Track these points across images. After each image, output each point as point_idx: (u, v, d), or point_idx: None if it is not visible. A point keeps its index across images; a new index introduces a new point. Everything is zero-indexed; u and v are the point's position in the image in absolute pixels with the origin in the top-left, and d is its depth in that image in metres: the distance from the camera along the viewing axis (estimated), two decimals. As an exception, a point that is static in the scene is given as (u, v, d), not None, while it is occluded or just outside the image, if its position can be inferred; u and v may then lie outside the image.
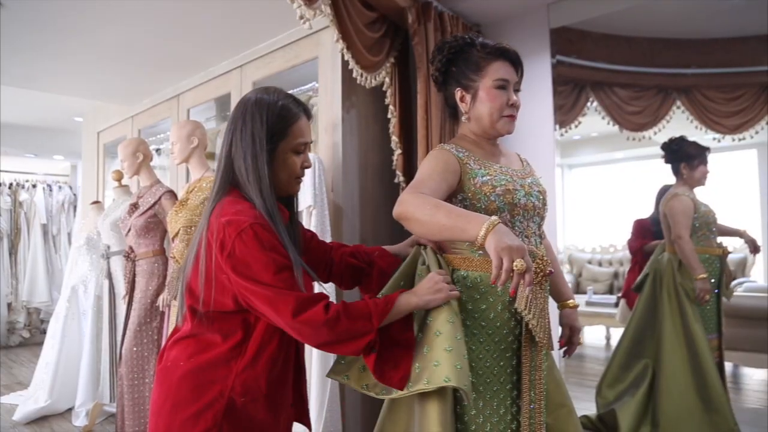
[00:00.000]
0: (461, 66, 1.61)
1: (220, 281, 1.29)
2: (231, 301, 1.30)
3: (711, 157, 3.17)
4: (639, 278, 3.23)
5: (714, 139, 3.69)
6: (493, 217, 1.25)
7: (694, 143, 3.15)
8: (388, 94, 2.79)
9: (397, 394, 1.36)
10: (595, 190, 4.78)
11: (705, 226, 3.04)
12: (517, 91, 1.61)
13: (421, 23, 2.68)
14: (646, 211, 3.69)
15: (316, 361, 2.45)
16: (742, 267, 4.13)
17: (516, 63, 1.61)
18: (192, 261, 1.35)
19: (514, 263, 1.18)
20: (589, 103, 3.77)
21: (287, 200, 1.50)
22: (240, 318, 1.32)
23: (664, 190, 3.54)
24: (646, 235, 3.60)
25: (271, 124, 1.34)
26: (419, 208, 1.35)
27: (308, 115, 1.43)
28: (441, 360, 1.31)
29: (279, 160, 1.37)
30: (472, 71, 1.59)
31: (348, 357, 1.47)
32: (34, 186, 7.01)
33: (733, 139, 3.67)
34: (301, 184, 2.53)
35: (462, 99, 1.61)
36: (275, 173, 1.37)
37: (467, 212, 1.35)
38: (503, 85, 1.56)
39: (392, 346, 1.35)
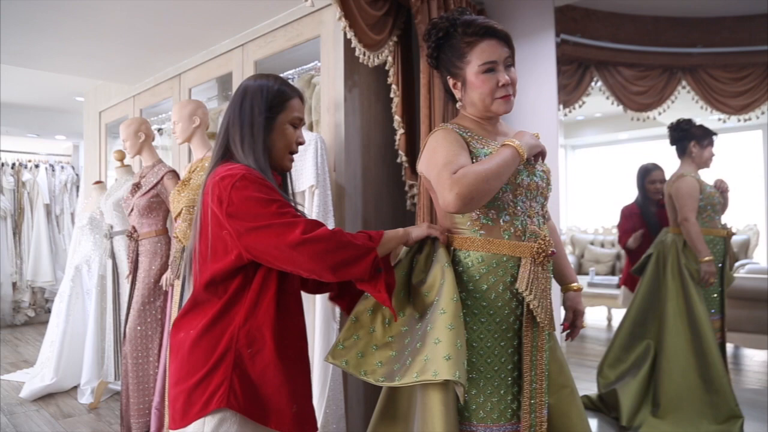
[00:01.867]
0: (447, 53, 1.57)
1: (222, 240, 1.37)
2: (234, 257, 1.36)
3: (716, 139, 3.15)
4: (641, 259, 3.23)
5: (719, 119, 3.67)
6: (509, 141, 1.45)
7: (702, 126, 3.13)
8: (391, 73, 2.77)
9: (398, 382, 1.37)
10: (598, 171, 4.75)
11: (710, 207, 3.03)
12: (510, 66, 1.54)
13: (424, 1, 2.64)
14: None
15: (318, 340, 2.47)
16: (745, 248, 4.13)
17: (503, 38, 1.53)
18: (195, 227, 1.46)
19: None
20: (593, 83, 3.73)
21: (282, 178, 1.60)
22: (240, 275, 1.39)
23: (643, 170, 3.57)
24: (637, 221, 3.60)
25: (270, 97, 1.47)
26: (474, 185, 1.34)
27: (301, 98, 1.56)
28: (430, 354, 1.33)
29: (278, 130, 1.49)
30: (457, 58, 1.55)
31: (347, 342, 1.49)
32: (36, 166, 7.00)
33: (739, 120, 3.64)
34: (304, 164, 2.53)
35: (454, 86, 1.59)
36: (273, 143, 1.49)
37: (495, 154, 1.44)
38: (491, 67, 1.51)
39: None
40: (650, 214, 3.51)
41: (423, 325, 1.42)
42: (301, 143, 1.55)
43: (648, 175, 3.54)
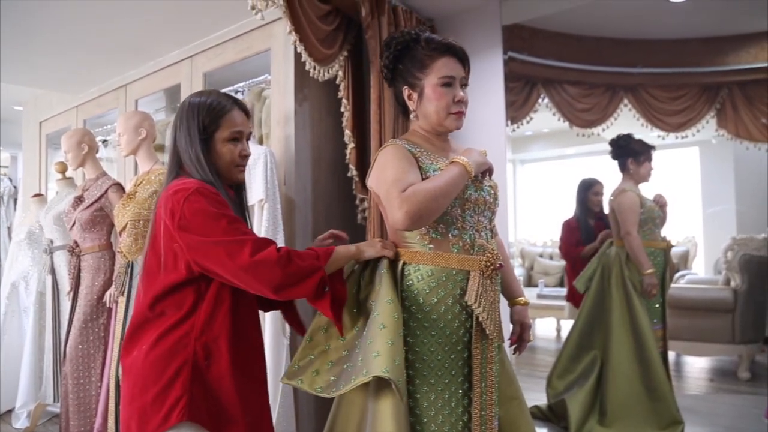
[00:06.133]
0: (407, 64, 1.60)
1: (172, 252, 1.37)
2: (184, 269, 1.37)
3: (656, 155, 3.26)
4: (584, 271, 3.30)
5: (659, 136, 3.83)
6: (457, 158, 1.48)
7: (641, 141, 3.24)
8: (342, 87, 2.78)
9: (342, 389, 1.38)
10: (546, 185, 4.89)
11: (650, 220, 3.14)
12: (464, 86, 1.60)
13: (375, 17, 2.66)
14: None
15: (268, 357, 2.42)
16: (685, 260, 4.30)
17: (462, 58, 1.60)
18: (146, 242, 1.47)
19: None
20: (540, 100, 3.84)
21: (236, 189, 1.60)
22: (192, 288, 1.39)
23: (586, 184, 3.74)
24: (578, 237, 3.74)
25: (202, 118, 1.47)
26: (423, 203, 1.37)
27: (241, 108, 1.55)
28: (381, 352, 1.33)
29: (215, 149, 1.49)
30: (418, 69, 1.58)
31: (302, 362, 1.49)
32: (-30, 178, 6.68)
33: (677, 137, 3.81)
34: (254, 177, 2.50)
35: (409, 97, 1.61)
36: (214, 161, 1.49)
37: (443, 172, 1.47)
38: (449, 82, 1.55)
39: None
40: (588, 226, 3.65)
41: (365, 333, 1.44)
42: (246, 156, 1.55)
43: (591, 188, 3.70)
